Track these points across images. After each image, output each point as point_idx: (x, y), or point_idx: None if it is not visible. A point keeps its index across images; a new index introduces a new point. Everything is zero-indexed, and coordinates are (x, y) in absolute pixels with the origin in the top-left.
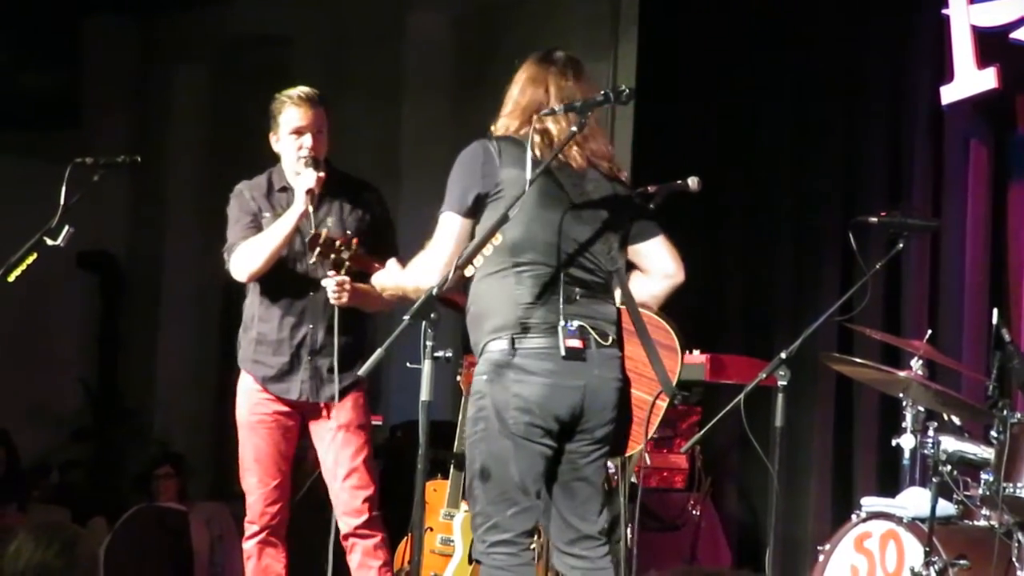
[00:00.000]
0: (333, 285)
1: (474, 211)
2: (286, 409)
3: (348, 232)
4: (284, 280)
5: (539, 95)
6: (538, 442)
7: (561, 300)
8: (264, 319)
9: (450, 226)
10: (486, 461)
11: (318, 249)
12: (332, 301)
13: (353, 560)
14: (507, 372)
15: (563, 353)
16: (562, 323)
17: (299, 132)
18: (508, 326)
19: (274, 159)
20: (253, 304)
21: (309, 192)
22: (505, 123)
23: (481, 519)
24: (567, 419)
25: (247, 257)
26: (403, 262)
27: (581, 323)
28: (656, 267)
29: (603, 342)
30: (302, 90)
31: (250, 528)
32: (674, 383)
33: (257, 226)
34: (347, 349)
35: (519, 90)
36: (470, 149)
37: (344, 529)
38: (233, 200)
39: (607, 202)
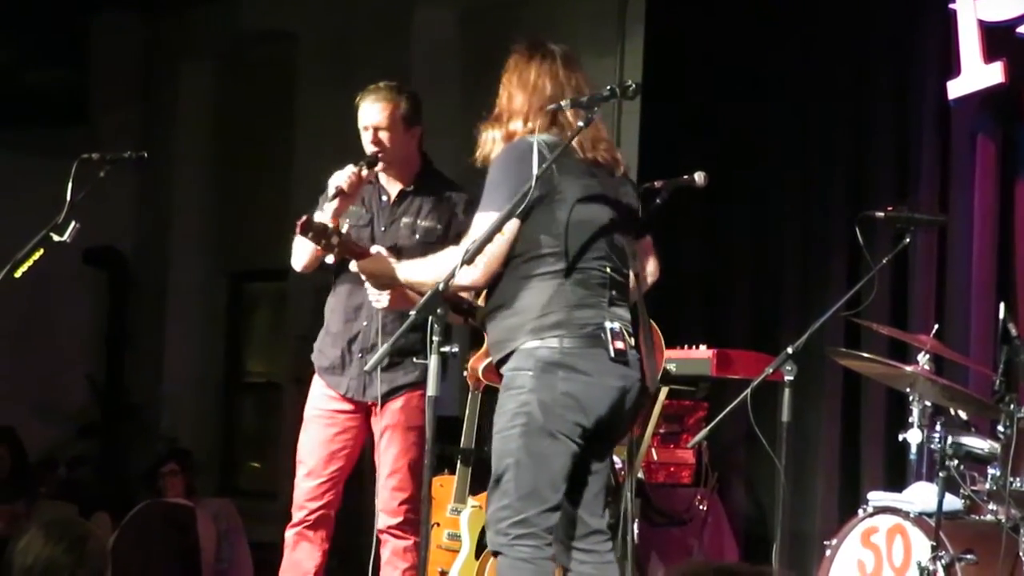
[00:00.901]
0: (372, 292)
1: (527, 212)
2: (346, 407)
3: (417, 236)
4: (347, 274)
5: (556, 92)
6: (576, 441)
7: (606, 302)
8: (333, 310)
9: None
10: (522, 456)
11: (309, 233)
12: (373, 304)
13: (383, 555)
14: (556, 371)
15: (611, 355)
16: (608, 325)
17: (364, 128)
18: (557, 325)
19: (278, 153)
20: (331, 294)
21: (337, 188)
22: (531, 125)
23: (509, 512)
24: (606, 419)
25: (293, 253)
26: None
27: (620, 325)
28: (643, 268)
29: (632, 344)
30: (376, 84)
31: (294, 516)
32: (658, 378)
33: None
34: (399, 350)
35: (534, 88)
36: (519, 148)
37: (380, 525)
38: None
39: (632, 206)
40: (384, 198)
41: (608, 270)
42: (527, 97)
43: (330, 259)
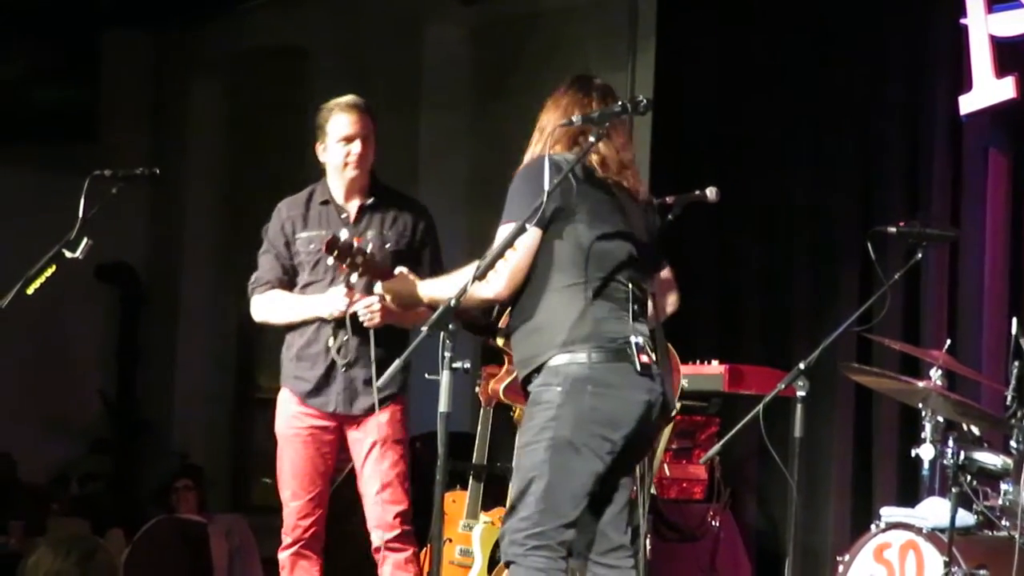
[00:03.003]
0: (363, 308)
1: (546, 225)
2: (323, 423)
3: (387, 246)
4: (320, 294)
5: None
6: (602, 457)
7: (630, 316)
8: (302, 334)
9: (522, 237)
10: (545, 471)
11: (335, 252)
12: (364, 323)
13: (384, 573)
14: (586, 386)
15: (638, 368)
16: (634, 339)
17: (348, 139)
18: (584, 339)
19: (290, 169)
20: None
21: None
22: (554, 148)
23: (527, 524)
24: (633, 434)
25: (264, 313)
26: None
27: (644, 339)
28: (662, 296)
29: (654, 359)
30: (350, 98)
31: (284, 539)
32: (676, 399)
33: (282, 264)
34: (384, 361)
35: (561, 114)
36: (539, 162)
37: (375, 542)
38: (272, 220)
39: (650, 228)
40: (343, 216)
41: (630, 285)
42: (552, 123)
43: (359, 305)
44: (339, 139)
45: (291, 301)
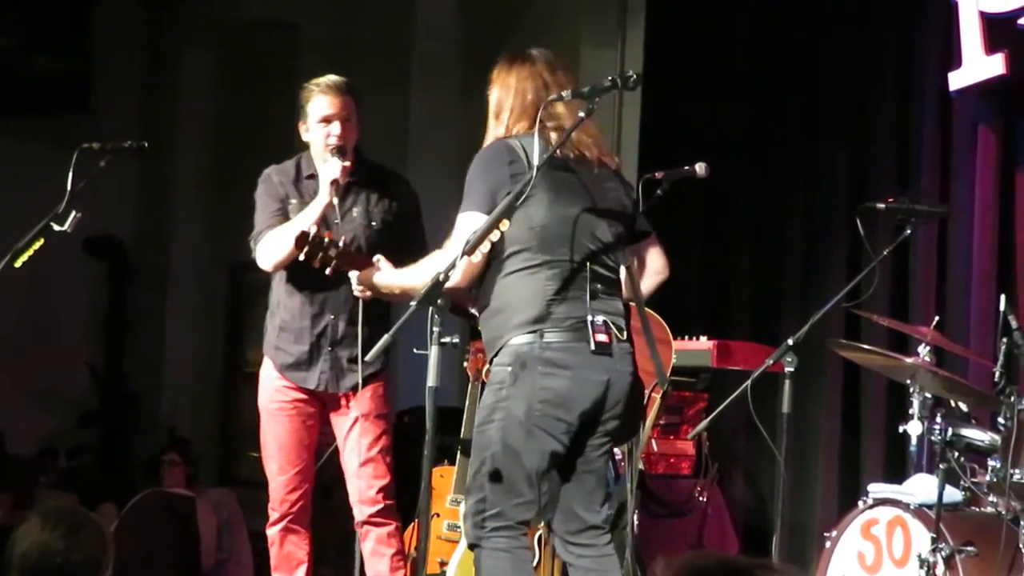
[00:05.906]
0: (356, 280)
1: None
2: (306, 396)
3: (373, 224)
4: (308, 269)
5: (541, 93)
6: (557, 437)
7: (587, 296)
8: (287, 307)
9: (474, 225)
10: (499, 451)
11: (306, 248)
12: (356, 294)
13: (366, 547)
14: (536, 366)
15: (592, 348)
16: (590, 318)
17: (327, 120)
18: (536, 320)
19: (279, 143)
20: (279, 291)
21: (334, 183)
22: (515, 128)
23: (484, 506)
24: (590, 413)
25: (272, 247)
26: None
27: (604, 318)
28: (648, 265)
29: (621, 337)
30: (330, 78)
31: (272, 514)
32: (668, 375)
33: (284, 213)
34: (370, 340)
35: (515, 92)
36: (493, 148)
37: (358, 517)
38: (261, 185)
39: (619, 199)
40: None
41: (588, 264)
42: (509, 102)
43: (354, 275)
44: (319, 120)
45: (288, 224)
